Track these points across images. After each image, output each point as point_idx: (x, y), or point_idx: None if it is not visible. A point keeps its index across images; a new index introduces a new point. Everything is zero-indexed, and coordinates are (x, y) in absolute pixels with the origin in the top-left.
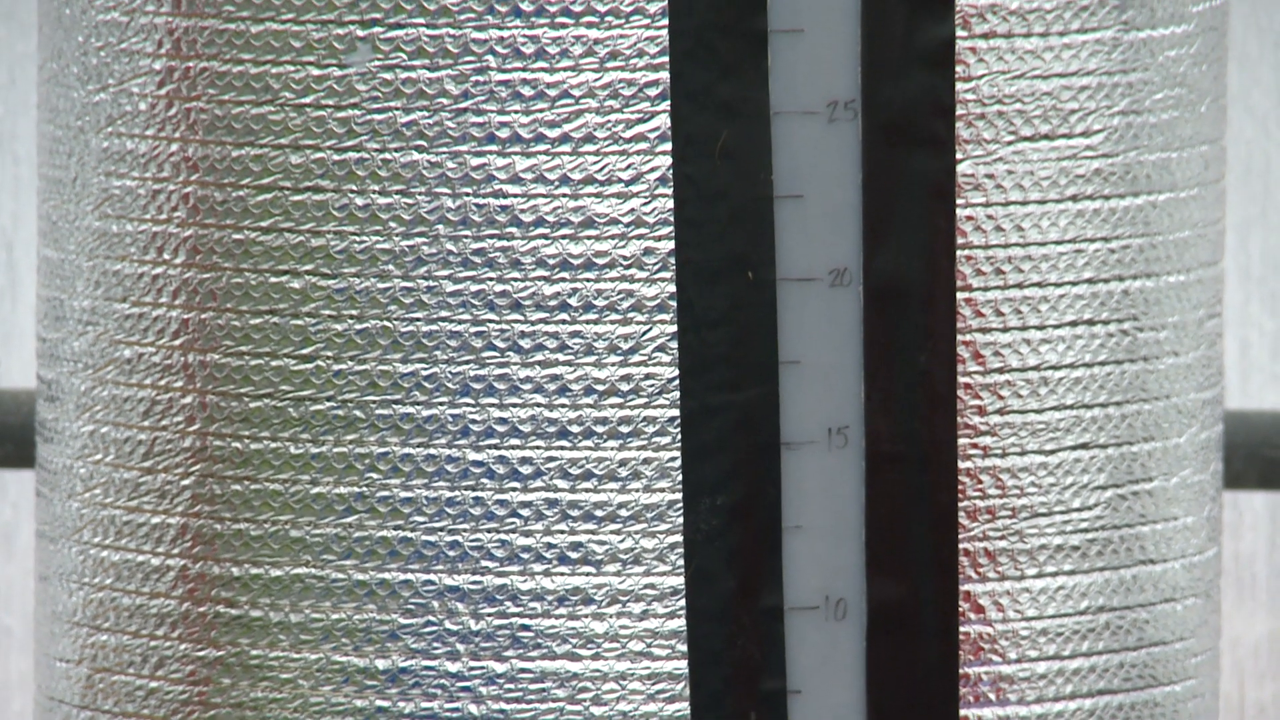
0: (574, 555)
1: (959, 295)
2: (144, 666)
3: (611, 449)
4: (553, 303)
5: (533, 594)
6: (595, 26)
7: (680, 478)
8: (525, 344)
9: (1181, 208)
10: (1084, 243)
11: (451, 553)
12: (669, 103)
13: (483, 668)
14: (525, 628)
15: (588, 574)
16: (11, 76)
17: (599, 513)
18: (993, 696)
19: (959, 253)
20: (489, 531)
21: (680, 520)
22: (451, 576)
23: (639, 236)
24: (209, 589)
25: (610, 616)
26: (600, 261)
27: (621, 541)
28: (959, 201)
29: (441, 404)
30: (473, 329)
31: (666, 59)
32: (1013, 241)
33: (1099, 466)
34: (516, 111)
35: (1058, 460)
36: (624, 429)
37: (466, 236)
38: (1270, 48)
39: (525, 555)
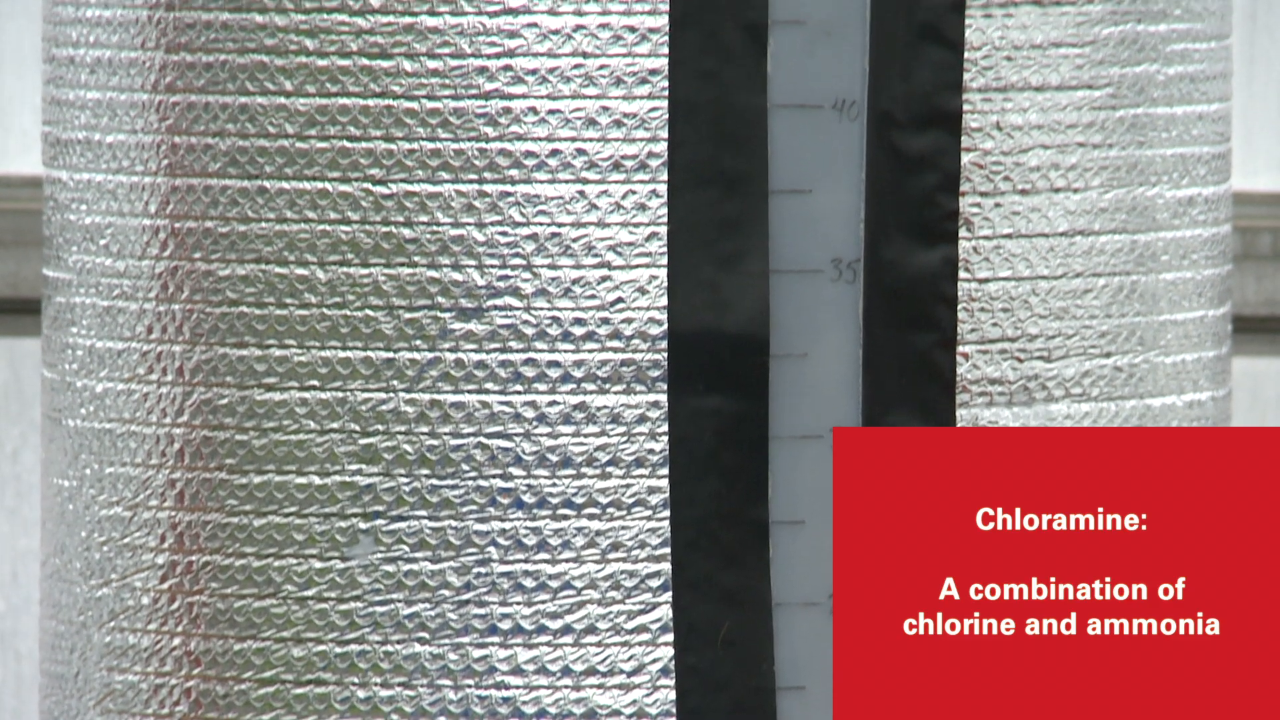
0: None
1: None
2: None
3: None
4: None
5: None
6: (597, 518)
7: None
8: None
9: None
10: None
11: None
12: (671, 593)
13: None
14: None
15: None
16: (14, 572)
17: None
18: None
19: None
20: None
21: None
22: None
23: None
24: None
25: None
26: None
27: None
28: None
29: None
30: None
31: (669, 549)
32: None
33: None
34: (519, 603)
35: None
36: None
37: None
38: None
39: None
